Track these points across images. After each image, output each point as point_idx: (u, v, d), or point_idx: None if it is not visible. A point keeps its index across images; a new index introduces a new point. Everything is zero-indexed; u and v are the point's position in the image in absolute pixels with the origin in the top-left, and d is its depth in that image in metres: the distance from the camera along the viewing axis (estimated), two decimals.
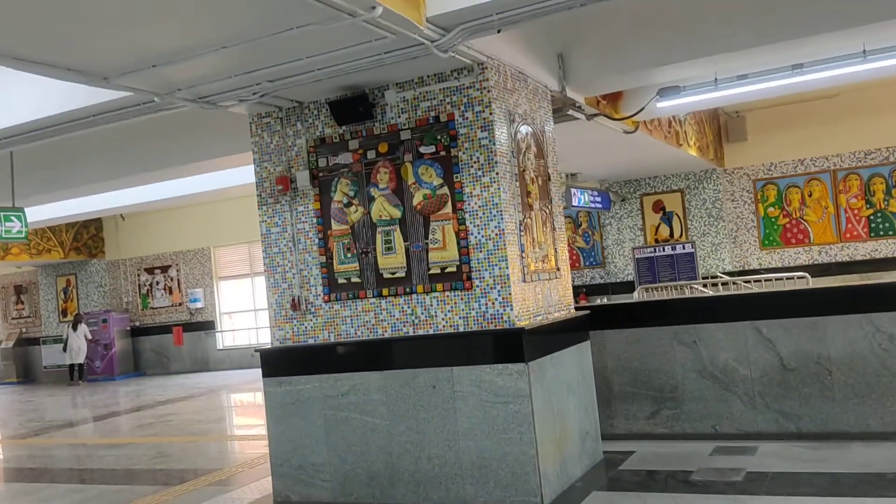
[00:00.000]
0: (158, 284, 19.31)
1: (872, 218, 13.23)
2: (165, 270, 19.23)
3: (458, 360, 5.22)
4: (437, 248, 5.39)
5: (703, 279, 11.87)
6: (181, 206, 17.27)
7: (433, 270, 5.40)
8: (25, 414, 13.77)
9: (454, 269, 5.33)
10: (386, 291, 5.55)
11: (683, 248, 12.08)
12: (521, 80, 5.78)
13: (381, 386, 5.46)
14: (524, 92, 5.82)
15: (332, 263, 5.74)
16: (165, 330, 18.91)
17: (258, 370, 6.10)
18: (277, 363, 5.88)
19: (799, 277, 9.82)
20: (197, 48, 4.46)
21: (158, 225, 19.01)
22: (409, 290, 5.47)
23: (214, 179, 11.80)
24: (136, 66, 4.65)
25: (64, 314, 20.04)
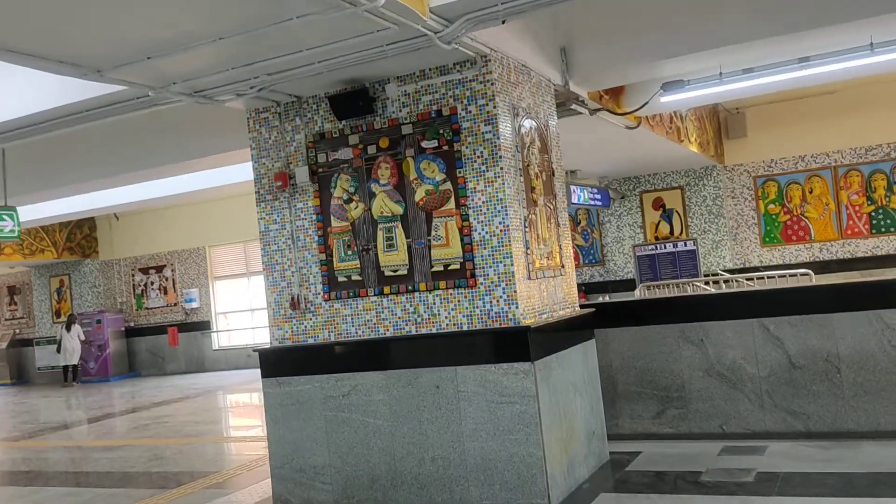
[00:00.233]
0: (153, 284, 19.17)
1: (874, 214, 13.16)
2: (160, 270, 19.08)
3: (462, 359, 5.11)
4: (439, 244, 5.27)
5: (704, 277, 11.79)
6: (176, 205, 17.17)
7: (436, 268, 5.28)
8: (19, 416, 13.62)
9: (457, 266, 5.21)
10: (387, 289, 5.43)
11: (685, 245, 12.00)
12: (524, 73, 5.66)
13: (382, 386, 5.34)
14: (528, 85, 5.70)
15: (332, 261, 5.62)
16: (160, 330, 18.78)
17: (254, 371, 6.00)
18: (277, 363, 5.76)
19: (802, 274, 9.76)
20: (193, 39, 4.33)
21: (153, 224, 18.87)
22: (411, 287, 5.35)
23: (209, 178, 11.66)
24: (130, 58, 4.52)
25: (58, 315, 19.88)
